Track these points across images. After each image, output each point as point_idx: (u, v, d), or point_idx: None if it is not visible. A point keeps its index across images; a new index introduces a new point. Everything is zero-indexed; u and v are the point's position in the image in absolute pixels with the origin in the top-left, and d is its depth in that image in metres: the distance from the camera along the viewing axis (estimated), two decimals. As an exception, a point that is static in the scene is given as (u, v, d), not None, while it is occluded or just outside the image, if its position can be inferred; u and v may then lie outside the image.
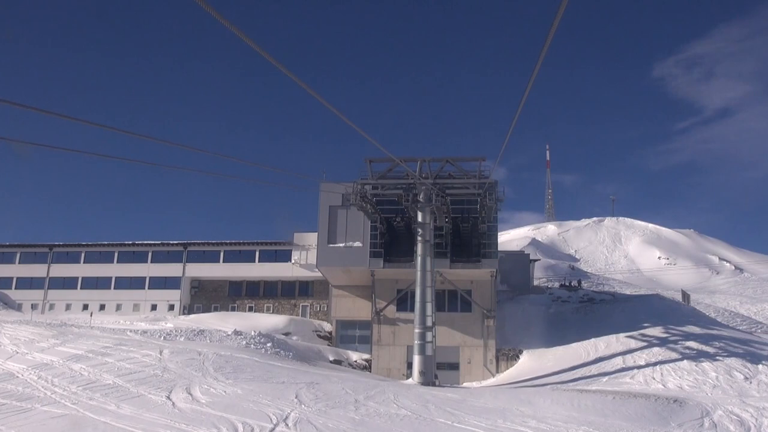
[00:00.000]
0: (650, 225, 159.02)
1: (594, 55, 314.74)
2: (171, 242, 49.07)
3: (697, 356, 29.76)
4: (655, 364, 29.50)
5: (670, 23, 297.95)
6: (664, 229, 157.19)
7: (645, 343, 33.45)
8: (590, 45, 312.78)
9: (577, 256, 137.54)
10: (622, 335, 35.43)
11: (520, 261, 47.58)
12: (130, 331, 36.95)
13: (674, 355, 30.48)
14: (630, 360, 31.11)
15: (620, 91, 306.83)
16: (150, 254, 49.20)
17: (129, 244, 49.99)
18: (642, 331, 35.62)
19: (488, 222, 36.33)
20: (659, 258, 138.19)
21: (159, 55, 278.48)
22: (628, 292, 74.82)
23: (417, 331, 28.89)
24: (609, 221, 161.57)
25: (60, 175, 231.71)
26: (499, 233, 40.00)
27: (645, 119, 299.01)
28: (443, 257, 36.84)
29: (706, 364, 28.12)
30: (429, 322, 29.04)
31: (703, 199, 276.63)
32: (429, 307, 29.10)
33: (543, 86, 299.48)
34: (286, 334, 41.45)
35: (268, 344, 35.47)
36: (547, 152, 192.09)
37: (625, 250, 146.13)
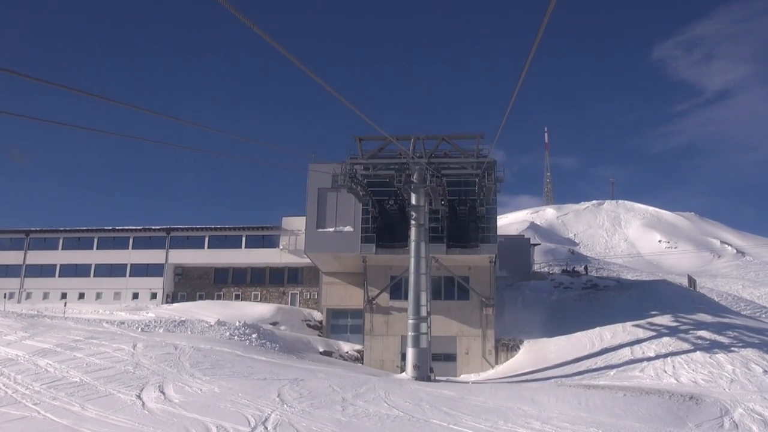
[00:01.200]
0: (650, 208, 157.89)
1: (593, 36, 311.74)
2: (153, 227, 47.27)
3: (711, 347, 28.28)
4: (665, 355, 28.02)
5: (670, 4, 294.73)
6: (664, 212, 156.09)
7: (654, 333, 31.98)
8: (590, 27, 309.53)
9: (576, 240, 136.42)
10: (628, 324, 33.96)
11: (520, 245, 45.97)
12: (107, 322, 35.30)
13: (686, 346, 29.00)
14: (638, 351, 29.63)
15: (619, 73, 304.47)
16: (131, 240, 47.40)
17: (109, 230, 48.18)
18: (650, 320, 34.14)
19: (487, 204, 34.64)
20: (660, 241, 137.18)
21: (133, 25, 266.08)
22: (629, 276, 73.68)
23: (411, 321, 27.28)
24: (608, 204, 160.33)
25: (36, 155, 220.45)
26: (497, 217, 38.33)
27: (644, 101, 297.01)
28: (439, 242, 35.20)
29: (721, 356, 26.64)
30: (423, 312, 27.41)
31: (703, 181, 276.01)
32: (423, 296, 27.47)
33: (541, 68, 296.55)
34: (274, 323, 39.90)
35: (254, 335, 33.96)
36: (546, 135, 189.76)
37: (625, 233, 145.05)
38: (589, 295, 40.88)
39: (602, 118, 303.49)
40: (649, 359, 28.15)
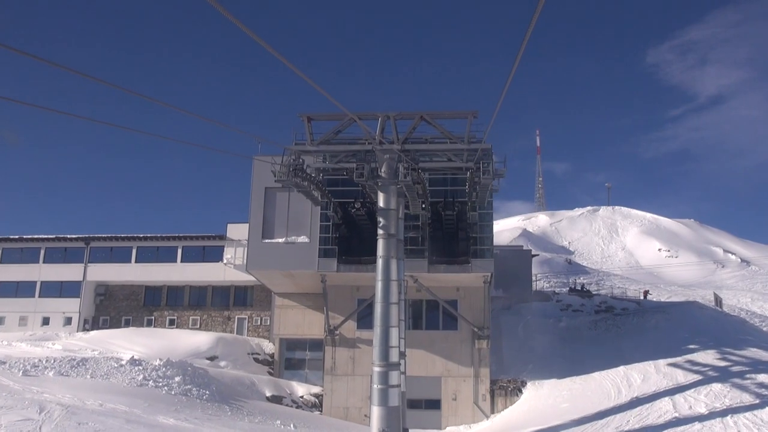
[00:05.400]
0: (648, 214, 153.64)
1: (587, 40, 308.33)
2: (69, 236, 39.71)
3: (783, 400, 21.63)
4: (723, 413, 21.26)
5: (664, 8, 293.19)
6: (662, 218, 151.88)
7: (698, 376, 25.33)
8: (583, 30, 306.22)
9: (571, 249, 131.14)
10: (662, 362, 27.34)
11: (518, 259, 39.14)
12: (-18, 361, 27.88)
13: (747, 398, 22.30)
14: (683, 404, 22.87)
15: (613, 77, 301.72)
16: (42, 252, 39.78)
17: (15, 239, 40.51)
18: (689, 357, 27.55)
19: (480, 208, 27.80)
20: (659, 250, 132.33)
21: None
22: (631, 289, 68.51)
23: (377, 370, 20.29)
24: (604, 210, 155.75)
25: None
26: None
27: (637, 106, 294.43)
28: (419, 257, 28.45)
29: (803, 416, 19.97)
30: (394, 357, 20.44)
31: (696, 187, 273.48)
32: (395, 333, 20.52)
33: (533, 70, 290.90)
34: (212, 358, 32.74)
35: (177, 378, 26.88)
36: (537, 138, 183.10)
37: (623, 241, 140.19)
38: (605, 322, 34.18)
39: (594, 122, 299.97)
40: (702, 418, 21.35)
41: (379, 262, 21.15)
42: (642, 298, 43.84)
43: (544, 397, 27.64)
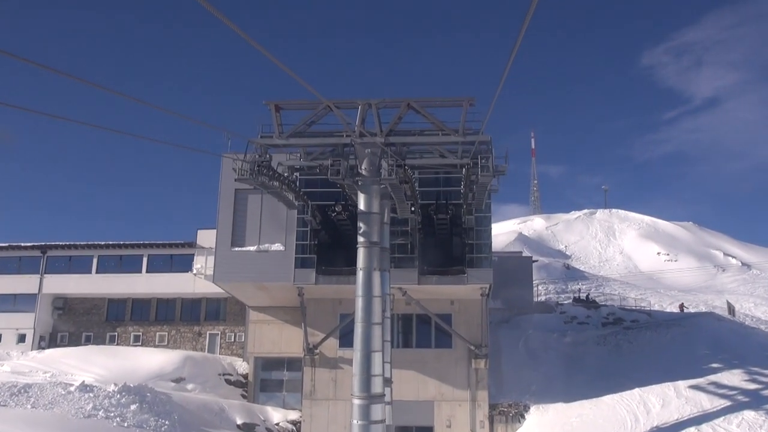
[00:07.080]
0: (646, 217, 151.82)
1: (581, 42, 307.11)
2: (23, 244, 36.70)
3: (830, 433, 18.96)
4: (762, 448, 18.60)
5: (659, 10, 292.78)
6: (661, 221, 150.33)
7: (726, 401, 22.62)
8: (578, 31, 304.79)
9: (567, 253, 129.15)
10: (682, 384, 24.61)
11: (518, 266, 36.35)
12: None
13: (787, 429, 19.63)
14: (712, 436, 20.18)
15: (608, 79, 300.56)
16: (-7, 262, 36.84)
17: (-36, 248, 37.54)
18: (713, 378, 24.83)
19: (478, 211, 24.95)
20: (658, 254, 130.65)
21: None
22: (631, 294, 66.31)
23: (357, 402, 17.43)
24: (601, 213, 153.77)
25: None
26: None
27: (632, 109, 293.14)
28: (408, 266, 25.61)
29: None
30: (378, 387, 17.58)
31: (692, 190, 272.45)
32: (377, 359, 17.67)
33: (527, 73, 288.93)
34: (178, 380, 29.77)
35: (133, 406, 23.91)
36: (532, 140, 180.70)
37: (620, 245, 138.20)
38: (615, 336, 31.42)
39: (589, 124, 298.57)
40: (737, 454, 18.69)
41: (360, 274, 18.29)
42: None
43: (550, 424, 24.85)
